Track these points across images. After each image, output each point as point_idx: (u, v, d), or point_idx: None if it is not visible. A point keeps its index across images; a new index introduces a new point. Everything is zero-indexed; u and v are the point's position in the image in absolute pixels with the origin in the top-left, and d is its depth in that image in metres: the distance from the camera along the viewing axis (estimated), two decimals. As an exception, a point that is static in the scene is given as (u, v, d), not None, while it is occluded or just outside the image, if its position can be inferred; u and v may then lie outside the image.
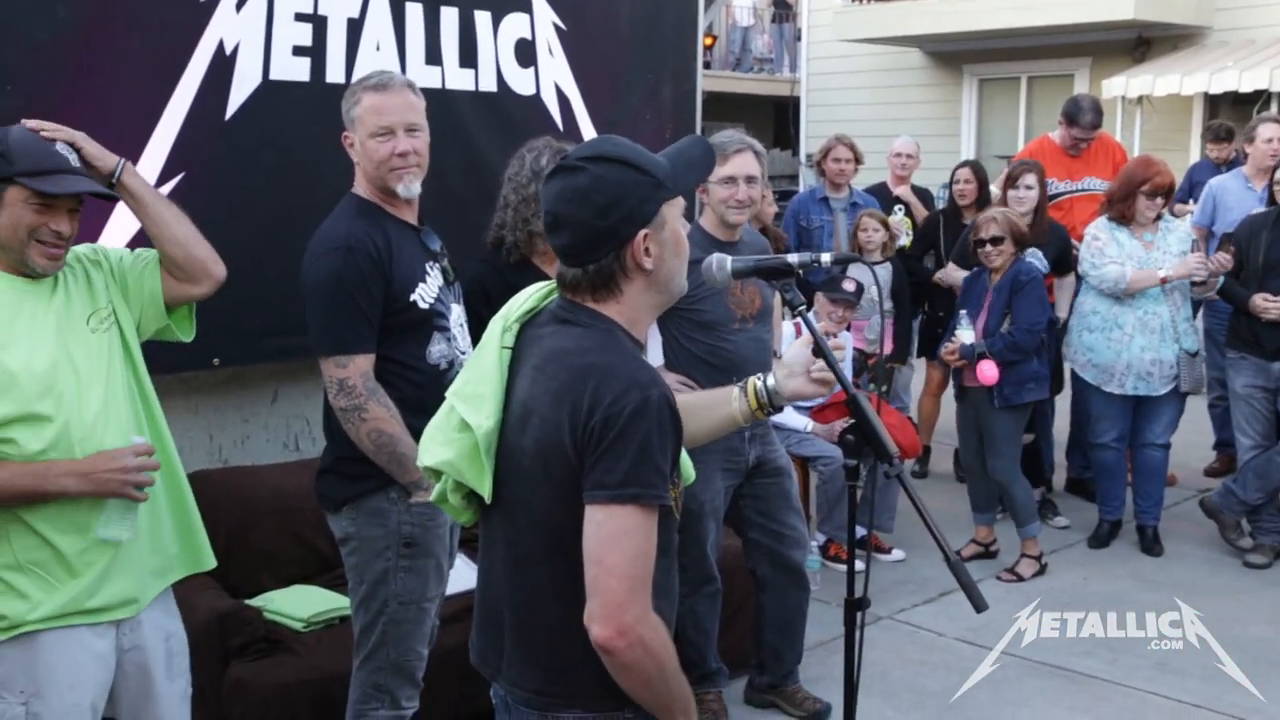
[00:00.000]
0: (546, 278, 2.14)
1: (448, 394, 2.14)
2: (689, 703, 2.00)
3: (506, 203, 3.67)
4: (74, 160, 2.55)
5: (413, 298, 3.05)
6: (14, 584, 2.47)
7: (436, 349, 3.11)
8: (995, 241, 5.49)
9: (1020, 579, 5.52)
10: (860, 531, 3.67)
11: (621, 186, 1.97)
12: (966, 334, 5.50)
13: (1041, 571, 5.60)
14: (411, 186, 3.08)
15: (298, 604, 3.86)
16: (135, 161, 3.23)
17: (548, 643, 2.03)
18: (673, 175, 2.04)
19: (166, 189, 3.70)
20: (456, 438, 2.06)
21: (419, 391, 2.99)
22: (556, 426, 1.92)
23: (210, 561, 2.86)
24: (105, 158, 2.63)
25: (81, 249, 2.70)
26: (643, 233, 1.98)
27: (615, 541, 1.86)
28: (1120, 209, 5.78)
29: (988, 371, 5.37)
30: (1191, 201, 7.10)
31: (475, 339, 2.32)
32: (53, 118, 2.69)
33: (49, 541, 2.48)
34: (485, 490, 2.04)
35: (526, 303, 2.14)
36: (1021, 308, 5.43)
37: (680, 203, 2.07)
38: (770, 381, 2.33)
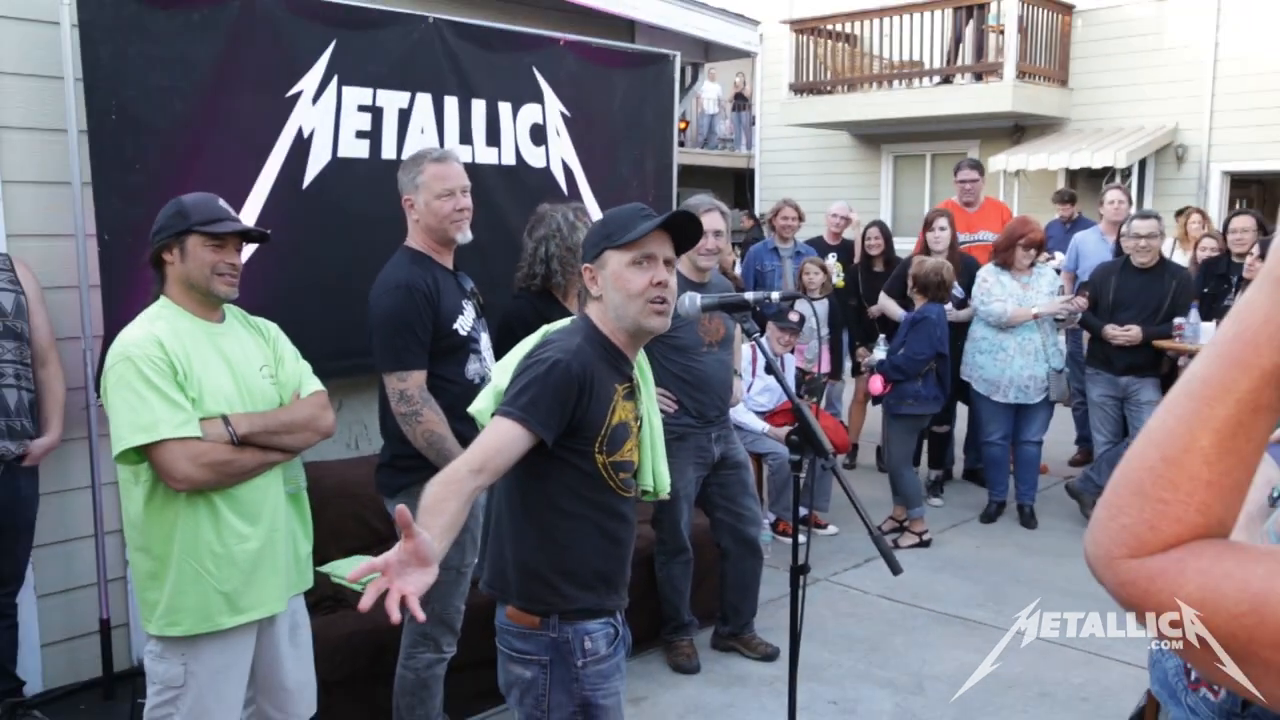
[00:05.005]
0: (563, 306, 2.25)
1: (491, 371, 2.32)
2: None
3: (540, 252, 3.50)
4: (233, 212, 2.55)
5: (455, 326, 3.06)
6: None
7: (472, 367, 3.12)
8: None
9: (896, 546, 5.45)
10: (802, 511, 3.67)
11: (589, 234, 2.22)
12: (878, 352, 5.65)
13: (924, 544, 5.58)
14: (467, 233, 3.11)
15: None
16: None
17: (500, 547, 2.19)
18: (624, 231, 2.11)
19: (253, 247, 3.68)
20: (489, 394, 2.23)
21: (459, 401, 2.97)
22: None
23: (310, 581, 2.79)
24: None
25: (260, 322, 2.69)
26: (585, 265, 2.17)
27: (488, 432, 2.00)
28: (1003, 257, 5.83)
29: (874, 384, 5.55)
30: (1059, 253, 7.15)
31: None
32: (167, 192, 2.67)
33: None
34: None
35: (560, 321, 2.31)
36: (911, 340, 5.49)
37: (630, 253, 2.10)
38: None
